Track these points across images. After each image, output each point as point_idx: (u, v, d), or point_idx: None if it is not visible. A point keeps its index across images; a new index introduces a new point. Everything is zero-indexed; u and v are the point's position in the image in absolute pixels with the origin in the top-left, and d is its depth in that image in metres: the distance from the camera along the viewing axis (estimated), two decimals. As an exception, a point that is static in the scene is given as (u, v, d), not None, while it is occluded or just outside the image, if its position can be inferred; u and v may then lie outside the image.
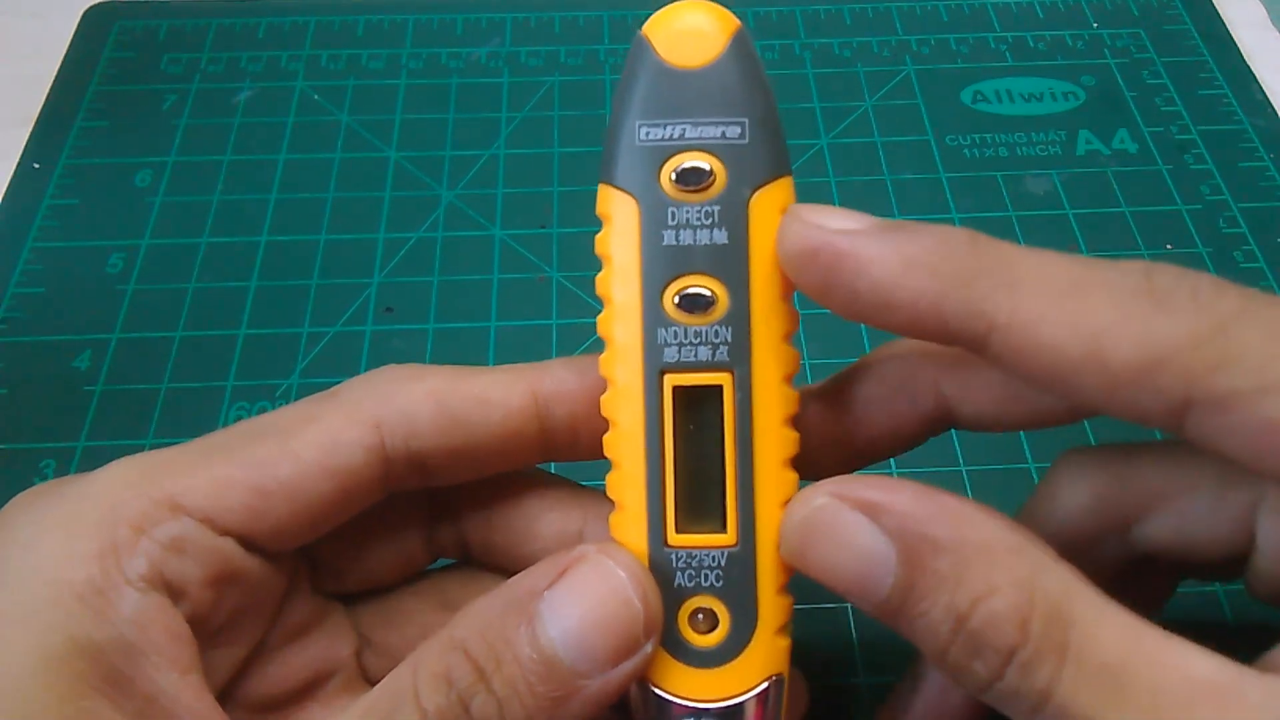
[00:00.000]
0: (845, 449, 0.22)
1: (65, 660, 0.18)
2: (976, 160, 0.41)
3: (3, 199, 0.40)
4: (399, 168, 0.41)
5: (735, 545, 0.20)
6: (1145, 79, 0.44)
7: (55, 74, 0.44)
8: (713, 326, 0.20)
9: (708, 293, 0.20)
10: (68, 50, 0.45)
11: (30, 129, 0.42)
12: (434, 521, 0.24)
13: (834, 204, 0.36)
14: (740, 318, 0.20)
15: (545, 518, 0.23)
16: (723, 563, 0.20)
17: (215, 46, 0.46)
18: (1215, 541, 0.20)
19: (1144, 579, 0.22)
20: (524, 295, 0.37)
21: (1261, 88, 0.43)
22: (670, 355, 0.20)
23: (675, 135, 0.20)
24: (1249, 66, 0.44)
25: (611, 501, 0.20)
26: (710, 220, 0.20)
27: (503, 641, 0.18)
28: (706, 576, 0.20)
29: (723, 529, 0.20)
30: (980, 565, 0.17)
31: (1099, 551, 0.21)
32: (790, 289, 0.20)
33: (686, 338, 0.20)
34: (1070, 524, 0.21)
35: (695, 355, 0.20)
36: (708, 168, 0.20)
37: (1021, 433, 0.33)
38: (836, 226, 0.18)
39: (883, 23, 0.46)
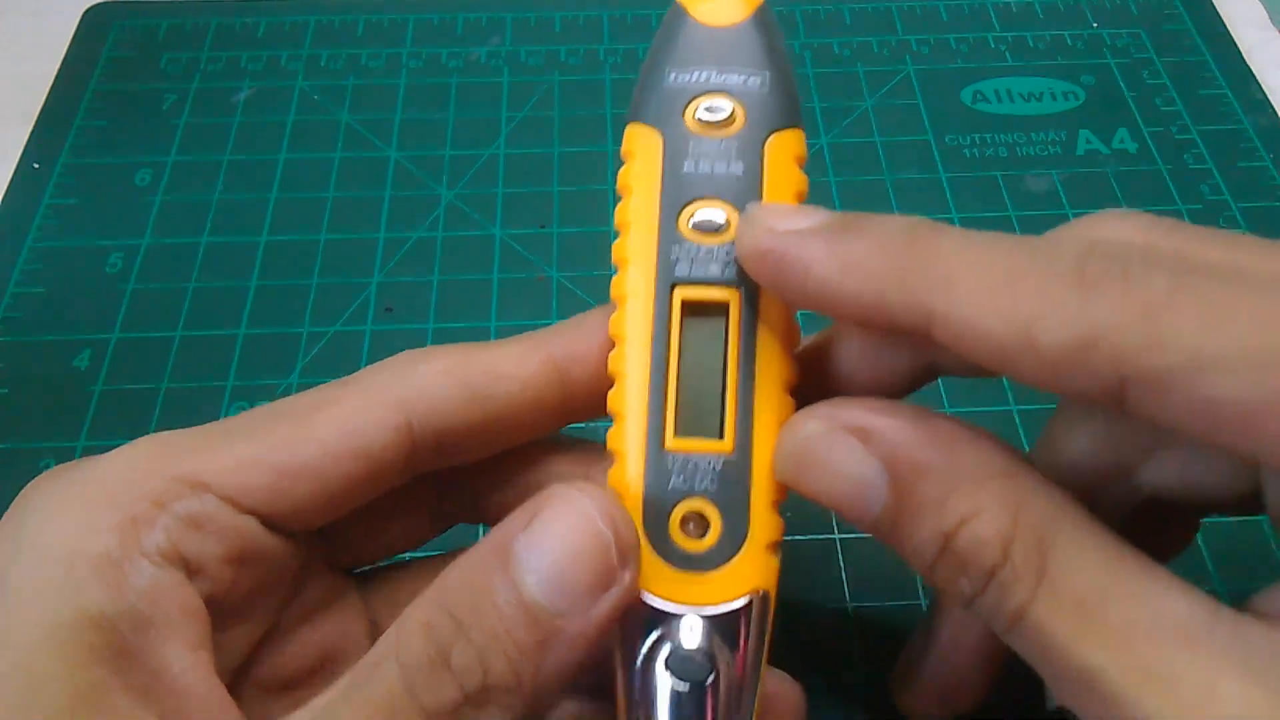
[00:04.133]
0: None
1: (75, 631, 0.18)
2: (976, 160, 0.41)
3: (3, 199, 0.40)
4: (399, 167, 0.41)
5: (731, 453, 0.20)
6: (1145, 79, 0.44)
7: (55, 74, 0.44)
8: (724, 246, 0.21)
9: (721, 216, 0.21)
10: (68, 50, 0.45)
11: (30, 129, 0.42)
12: (444, 488, 0.24)
13: (834, 205, 0.37)
14: None
15: (550, 471, 0.23)
16: (718, 468, 0.20)
17: (215, 46, 0.46)
18: (1221, 482, 0.20)
19: (1162, 521, 0.22)
20: (524, 295, 0.37)
21: (1261, 88, 0.43)
22: (682, 270, 0.21)
23: (702, 79, 0.21)
24: (1249, 66, 0.44)
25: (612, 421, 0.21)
26: (728, 153, 0.21)
27: (479, 591, 0.18)
28: (701, 480, 0.20)
29: (720, 437, 0.20)
30: (967, 488, 0.18)
31: (1105, 498, 0.21)
32: None
33: (698, 255, 0.21)
34: (1072, 473, 0.21)
35: (706, 271, 0.21)
36: (729, 108, 0.21)
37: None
38: (784, 228, 0.19)
39: (883, 23, 0.46)
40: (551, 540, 0.18)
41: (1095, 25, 0.46)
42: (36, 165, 0.41)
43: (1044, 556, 0.17)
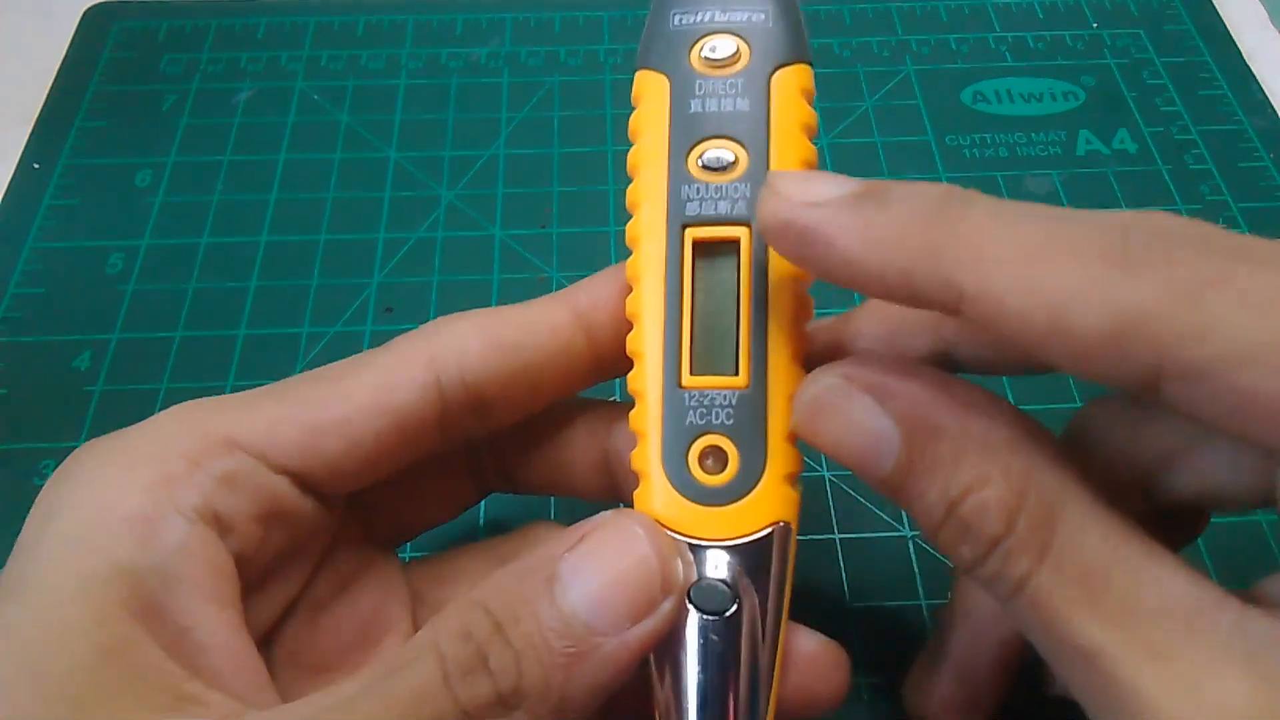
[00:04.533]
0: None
1: (107, 584, 0.18)
2: (976, 160, 0.41)
3: (3, 199, 0.40)
4: (399, 168, 0.41)
5: (746, 388, 0.20)
6: (1145, 79, 0.44)
7: (55, 74, 0.44)
8: (733, 184, 0.21)
9: (729, 154, 0.21)
10: (68, 50, 0.45)
11: (30, 129, 0.42)
12: (477, 456, 0.25)
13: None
14: (758, 177, 0.21)
15: (575, 432, 0.24)
16: (734, 402, 0.20)
17: (215, 46, 0.46)
18: (1239, 490, 0.20)
19: (1172, 521, 0.22)
20: (524, 295, 0.36)
21: (1261, 88, 0.43)
22: (692, 210, 0.21)
23: (705, 19, 0.22)
24: (1249, 66, 0.44)
25: (631, 365, 0.21)
26: (734, 91, 0.21)
27: (521, 599, 0.18)
28: (718, 415, 0.20)
29: (735, 372, 0.20)
30: (977, 454, 0.18)
31: (1124, 508, 0.21)
32: (808, 161, 0.21)
33: (708, 193, 0.21)
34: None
35: (715, 209, 0.21)
36: (734, 46, 0.21)
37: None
38: (807, 199, 0.18)
39: (883, 23, 0.46)
40: (598, 561, 0.18)
41: (1095, 25, 0.46)
42: (36, 165, 0.41)
43: (1050, 530, 0.17)
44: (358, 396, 0.21)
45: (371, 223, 0.39)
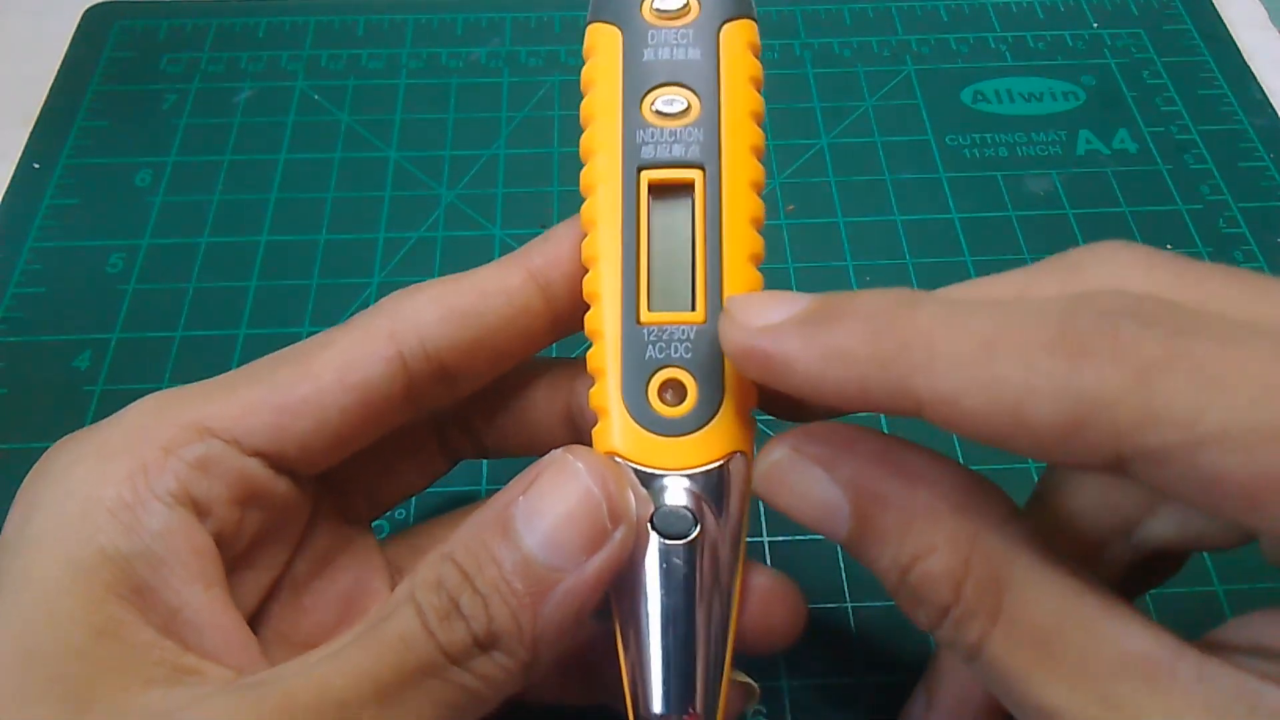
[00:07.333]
0: (804, 411, 0.22)
1: (94, 570, 0.19)
2: (976, 160, 0.41)
3: (3, 199, 0.40)
4: (399, 168, 0.41)
5: (704, 323, 0.21)
6: (1145, 79, 0.44)
7: (55, 74, 0.44)
8: (687, 128, 0.22)
9: (682, 100, 0.22)
10: (68, 50, 0.45)
11: (30, 129, 0.42)
12: (444, 425, 0.25)
13: (834, 206, 0.37)
14: (711, 122, 0.22)
15: (536, 392, 0.25)
16: (691, 337, 0.21)
17: (215, 46, 0.46)
18: (1221, 534, 0.20)
19: (1153, 562, 0.22)
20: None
21: (1261, 88, 0.43)
22: (647, 153, 0.22)
23: None
24: (1249, 66, 0.44)
25: (588, 309, 0.22)
26: (685, 40, 0.22)
27: (483, 547, 0.19)
28: (676, 349, 0.21)
29: (692, 309, 0.21)
30: (922, 523, 0.18)
31: (1106, 555, 0.21)
32: (756, 111, 0.22)
33: (662, 137, 0.22)
34: (1073, 534, 0.21)
35: (670, 153, 0.22)
36: (684, 1, 0.22)
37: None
38: (761, 324, 0.19)
39: (883, 23, 0.46)
40: (548, 502, 0.19)
41: (1095, 25, 0.46)
42: (36, 165, 0.41)
43: (999, 594, 0.17)
44: (323, 375, 0.21)
45: (371, 223, 0.39)
